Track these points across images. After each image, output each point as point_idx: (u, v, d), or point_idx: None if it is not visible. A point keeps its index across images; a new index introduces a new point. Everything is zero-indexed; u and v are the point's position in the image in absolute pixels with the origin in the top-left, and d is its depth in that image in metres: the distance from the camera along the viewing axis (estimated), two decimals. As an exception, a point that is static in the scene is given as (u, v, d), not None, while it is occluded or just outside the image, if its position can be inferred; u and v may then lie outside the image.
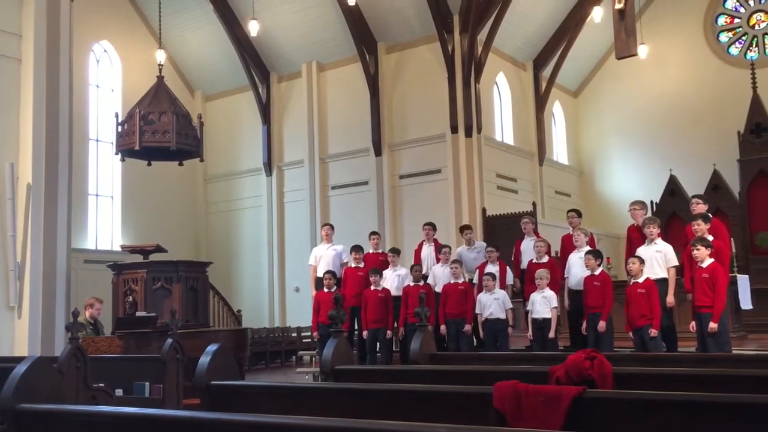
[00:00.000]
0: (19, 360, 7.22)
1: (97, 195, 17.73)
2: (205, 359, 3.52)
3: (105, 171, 17.83)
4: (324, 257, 10.16)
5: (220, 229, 19.73)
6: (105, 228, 17.80)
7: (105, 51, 18.29)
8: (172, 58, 19.18)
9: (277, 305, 18.43)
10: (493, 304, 8.72)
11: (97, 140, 17.79)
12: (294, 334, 15.82)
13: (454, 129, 16.24)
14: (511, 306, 8.82)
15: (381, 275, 9.58)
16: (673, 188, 17.77)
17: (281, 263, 18.57)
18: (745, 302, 9.96)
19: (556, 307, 8.39)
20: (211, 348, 3.58)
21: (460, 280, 9.27)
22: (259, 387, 3.79)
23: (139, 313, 8.52)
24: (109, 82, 18.31)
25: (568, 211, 9.48)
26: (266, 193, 19.03)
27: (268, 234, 18.81)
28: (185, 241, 18.75)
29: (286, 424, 2.80)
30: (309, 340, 16.00)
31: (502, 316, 8.72)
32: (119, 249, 17.22)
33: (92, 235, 17.48)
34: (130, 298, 8.89)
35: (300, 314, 17.51)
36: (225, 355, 3.59)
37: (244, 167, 19.50)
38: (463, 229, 10.59)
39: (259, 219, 19.07)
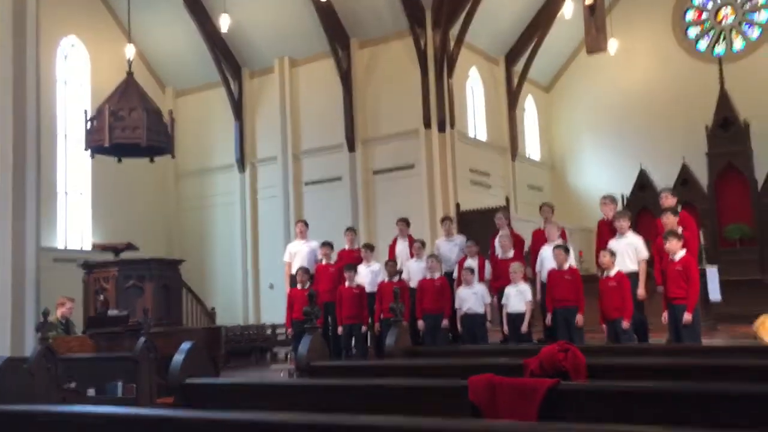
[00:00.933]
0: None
1: (66, 192, 17.47)
2: (179, 357, 3.49)
3: (74, 168, 17.57)
4: (298, 254, 10.13)
5: (192, 226, 19.55)
6: (75, 226, 17.56)
7: (73, 46, 18.00)
8: (142, 53, 18.93)
9: (251, 302, 18.34)
10: (471, 298, 8.75)
11: (65, 136, 17.52)
12: (269, 331, 15.74)
13: (427, 124, 16.27)
14: (490, 300, 8.84)
15: (356, 271, 9.58)
16: (643, 182, 18.02)
17: (255, 260, 18.48)
18: (714, 294, 10.13)
19: (530, 301, 8.46)
20: (185, 346, 3.55)
21: (437, 275, 9.29)
22: (234, 385, 3.77)
23: (110, 312, 8.41)
24: (77, 77, 18.03)
25: (542, 205, 9.55)
26: (239, 189, 18.91)
27: (242, 231, 18.70)
28: (157, 238, 18.54)
29: (262, 421, 2.79)
30: (284, 337, 15.94)
31: (481, 310, 8.76)
32: (89, 248, 17.10)
33: (62, 233, 17.22)
34: (102, 297, 8.77)
35: (274, 311, 17.41)
36: (199, 353, 3.56)
37: (216, 163, 19.35)
38: (443, 220, 10.67)
39: (233, 216, 18.94)
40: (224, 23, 15.53)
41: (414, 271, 9.65)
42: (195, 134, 19.38)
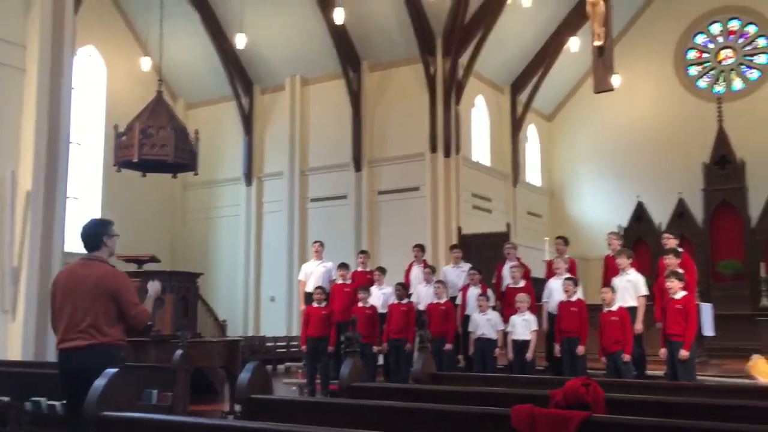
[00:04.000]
0: (15, 364, 7.42)
1: (75, 198, 17.78)
2: (245, 375, 3.91)
3: (84, 174, 17.93)
4: (314, 273, 10.53)
5: (197, 237, 19.88)
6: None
7: (90, 55, 18.41)
8: (156, 64, 19.32)
9: (251, 314, 18.65)
10: (485, 324, 9.16)
11: (78, 144, 17.86)
12: (270, 344, 16.07)
13: (433, 148, 16.72)
14: (503, 327, 9.23)
15: (369, 293, 9.98)
16: (639, 214, 18.50)
17: (257, 273, 18.82)
18: (708, 329, 10.56)
19: (535, 330, 8.88)
20: (250, 365, 3.98)
21: (443, 300, 9.71)
22: (291, 401, 4.16)
23: (135, 322, 8.73)
24: (93, 86, 18.43)
25: (556, 238, 9.98)
26: (245, 203, 19.28)
27: (246, 244, 19.04)
28: (162, 247, 18.77)
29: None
30: (284, 350, 16.29)
31: (493, 336, 9.16)
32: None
33: (69, 237, 17.49)
34: (123, 306, 9.07)
35: (275, 324, 17.80)
36: (261, 372, 3.98)
37: (223, 176, 19.71)
38: (452, 248, 11.14)
39: (237, 228, 19.28)
40: (240, 41, 16.02)
41: (423, 295, 10.07)
42: (204, 146, 19.43)
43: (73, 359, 4.57)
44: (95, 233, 4.81)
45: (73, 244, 17.06)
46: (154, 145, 9.80)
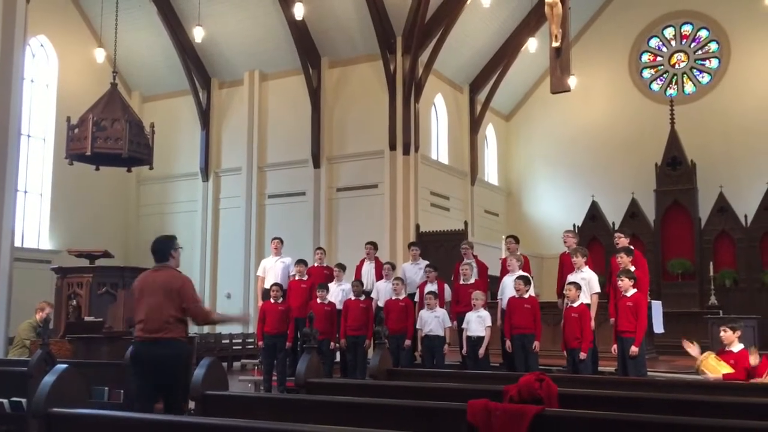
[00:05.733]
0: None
1: (25, 192, 17.38)
2: (200, 371, 3.86)
3: (35, 166, 17.53)
4: (272, 269, 10.47)
5: (151, 232, 19.47)
6: (32, 225, 17.50)
7: (42, 45, 18.00)
8: (111, 56, 18.96)
9: (207, 311, 18.44)
10: (433, 321, 9.21)
11: (29, 136, 17.45)
12: (226, 341, 15.94)
13: (392, 146, 16.76)
14: (450, 324, 9.30)
15: (327, 289, 9.96)
16: (594, 213, 18.80)
17: (214, 269, 18.64)
18: (658, 326, 10.78)
19: (489, 327, 8.96)
20: (205, 361, 3.93)
21: (401, 297, 9.74)
22: (245, 397, 4.12)
23: (87, 318, 8.59)
24: (44, 77, 18.02)
25: (507, 237, 10.07)
26: (201, 198, 19.07)
27: (202, 239, 18.84)
28: (115, 242, 18.46)
29: (275, 429, 3.16)
30: (240, 347, 16.17)
31: (441, 333, 9.22)
32: (47, 247, 17.11)
33: (18, 231, 17.09)
34: (74, 302, 8.93)
35: (231, 321, 17.63)
36: (216, 368, 3.94)
37: (179, 171, 19.46)
38: (411, 245, 11.17)
39: (194, 224, 19.05)
40: (198, 34, 15.84)
41: (382, 291, 10.09)
42: (159, 141, 19.15)
43: (148, 349, 5.20)
44: (164, 248, 5.63)
45: (25, 239, 16.87)
46: (107, 138, 9.61)
